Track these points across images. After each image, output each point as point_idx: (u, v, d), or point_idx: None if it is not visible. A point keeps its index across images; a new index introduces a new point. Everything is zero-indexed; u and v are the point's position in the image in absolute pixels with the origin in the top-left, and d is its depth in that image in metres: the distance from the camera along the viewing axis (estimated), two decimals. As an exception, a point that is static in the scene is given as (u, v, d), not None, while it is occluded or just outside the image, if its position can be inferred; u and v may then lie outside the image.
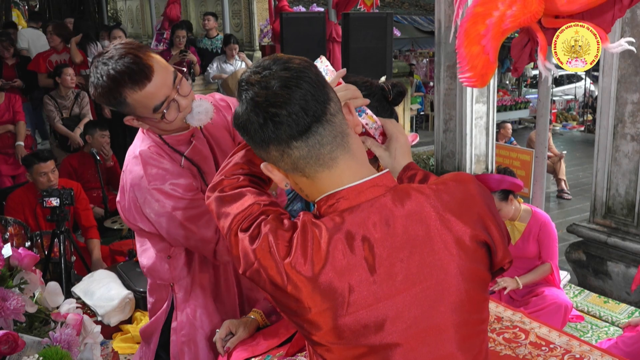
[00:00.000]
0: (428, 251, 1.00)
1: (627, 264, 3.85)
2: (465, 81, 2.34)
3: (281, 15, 5.31)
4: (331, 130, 0.99)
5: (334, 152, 1.00)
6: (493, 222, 1.06)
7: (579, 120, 12.79)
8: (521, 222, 3.33)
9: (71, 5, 10.48)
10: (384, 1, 14.46)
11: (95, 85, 1.54)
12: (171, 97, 1.57)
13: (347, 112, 1.06)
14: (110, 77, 1.50)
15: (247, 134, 1.01)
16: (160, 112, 1.57)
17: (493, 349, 2.13)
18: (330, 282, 0.96)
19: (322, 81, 1.01)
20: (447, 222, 1.01)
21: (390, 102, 1.37)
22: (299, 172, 1.02)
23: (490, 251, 1.06)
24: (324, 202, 1.03)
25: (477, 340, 1.06)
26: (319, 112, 0.98)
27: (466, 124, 5.31)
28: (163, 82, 1.54)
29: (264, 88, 0.97)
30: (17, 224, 3.46)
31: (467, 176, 1.11)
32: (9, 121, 4.94)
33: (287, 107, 0.96)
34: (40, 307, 1.53)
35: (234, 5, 9.73)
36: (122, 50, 1.51)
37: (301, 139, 0.98)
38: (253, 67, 1.02)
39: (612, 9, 2.12)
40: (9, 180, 5.00)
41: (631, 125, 3.78)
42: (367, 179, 1.02)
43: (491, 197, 1.11)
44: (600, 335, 3.35)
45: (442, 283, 1.00)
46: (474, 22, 2.24)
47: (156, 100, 1.55)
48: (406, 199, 1.02)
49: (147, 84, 1.52)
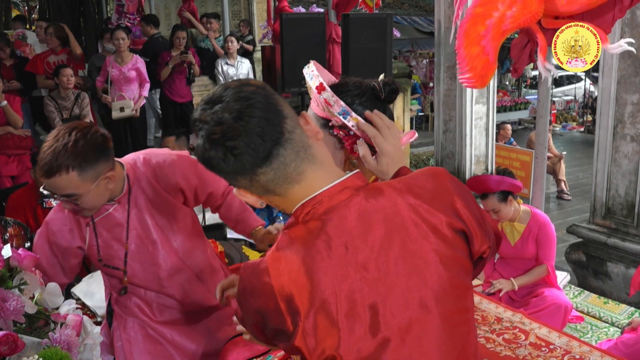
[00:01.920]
0: (407, 242, 1.02)
1: (627, 264, 3.85)
2: (465, 82, 2.34)
3: (281, 16, 5.32)
4: (292, 148, 1.01)
5: (300, 167, 1.02)
6: (467, 210, 1.07)
7: (579, 121, 12.80)
8: (520, 223, 3.33)
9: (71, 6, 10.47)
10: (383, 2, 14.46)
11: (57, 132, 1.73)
12: (56, 196, 1.74)
13: (305, 122, 1.07)
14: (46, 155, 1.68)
15: (212, 168, 1.03)
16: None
17: (493, 350, 2.13)
18: (317, 286, 0.97)
19: (273, 102, 1.02)
20: (421, 213, 1.04)
21: (383, 101, 1.37)
22: (270, 193, 1.04)
23: (467, 239, 1.07)
24: (301, 211, 1.05)
25: (463, 330, 1.06)
26: (276, 135, 0.99)
27: (466, 125, 5.31)
28: (54, 188, 1.71)
29: (218, 124, 0.98)
30: (16, 224, 3.45)
31: (439, 170, 1.13)
32: (8, 123, 4.93)
33: (244, 138, 0.97)
34: (40, 308, 1.53)
35: (234, 6, 9.75)
36: (61, 146, 1.67)
37: (265, 164, 0.99)
38: (204, 102, 1.02)
39: (612, 9, 2.12)
40: (8, 181, 5.00)
41: (631, 126, 3.78)
42: (337, 182, 1.04)
43: (466, 189, 1.12)
44: (600, 336, 3.35)
45: (423, 272, 1.02)
46: (473, 23, 2.24)
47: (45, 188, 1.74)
48: (379, 195, 1.04)
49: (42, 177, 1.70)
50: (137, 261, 1.98)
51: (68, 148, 1.65)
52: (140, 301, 2.06)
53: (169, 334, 2.07)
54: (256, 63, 8.32)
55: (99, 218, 1.92)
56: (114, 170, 1.81)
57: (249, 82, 1.03)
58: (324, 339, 0.97)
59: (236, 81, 1.04)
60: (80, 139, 1.68)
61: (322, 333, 0.97)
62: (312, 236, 1.00)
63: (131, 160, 1.96)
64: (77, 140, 1.67)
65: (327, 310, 0.97)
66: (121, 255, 1.97)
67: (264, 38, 8.75)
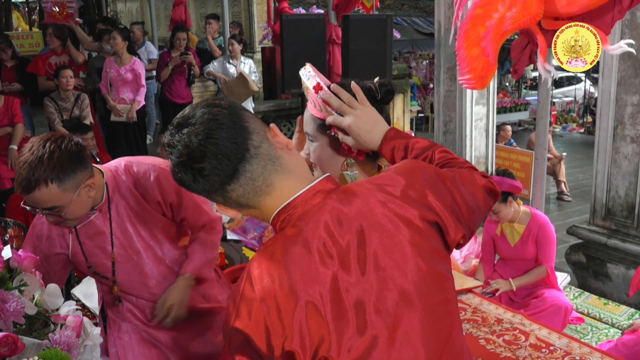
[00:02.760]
0: (383, 238, 1.04)
1: (627, 265, 3.85)
2: (465, 83, 2.34)
3: (281, 17, 5.32)
4: (259, 162, 1.04)
5: (268, 179, 1.05)
6: (439, 202, 1.10)
7: (579, 122, 12.80)
8: (520, 224, 3.33)
9: (71, 7, 10.49)
10: (383, 3, 14.48)
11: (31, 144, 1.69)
12: (38, 210, 1.71)
13: (273, 135, 1.09)
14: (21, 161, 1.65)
15: (187, 188, 1.07)
16: None
17: (493, 351, 2.14)
18: (302, 292, 0.98)
19: (239, 121, 1.04)
20: (394, 208, 1.06)
21: (379, 102, 1.38)
22: (245, 207, 1.08)
23: (442, 231, 1.10)
24: (277, 219, 1.07)
25: (446, 322, 1.07)
26: (240, 153, 1.02)
27: (466, 126, 5.31)
28: (34, 202, 1.68)
29: (185, 147, 1.02)
30: (16, 225, 3.46)
31: (411, 164, 1.15)
32: (8, 124, 4.93)
33: (210, 160, 1.01)
34: (40, 309, 1.53)
35: (234, 7, 9.74)
36: (37, 160, 1.63)
37: (232, 182, 1.03)
38: (173, 126, 1.05)
39: (612, 10, 2.12)
40: (9, 183, 4.99)
41: (631, 127, 3.78)
42: (308, 187, 1.07)
43: (438, 178, 1.14)
44: (600, 337, 3.35)
45: (403, 266, 1.03)
46: (473, 24, 2.24)
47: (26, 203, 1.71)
48: (351, 196, 1.07)
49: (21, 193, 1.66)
50: (123, 271, 1.96)
51: (44, 161, 1.61)
52: (133, 307, 2.05)
53: (163, 337, 2.06)
54: (256, 64, 8.33)
55: (81, 225, 1.89)
56: (94, 177, 1.78)
57: (215, 103, 1.06)
58: (316, 340, 0.97)
59: (204, 102, 1.07)
60: (55, 150, 1.64)
61: (313, 336, 0.97)
62: (290, 242, 1.02)
63: (113, 168, 1.93)
64: (52, 152, 1.63)
65: (314, 313, 0.97)
66: (108, 265, 1.94)
67: (263, 39, 8.75)
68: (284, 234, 1.05)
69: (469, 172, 1.22)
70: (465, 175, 1.19)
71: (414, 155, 1.26)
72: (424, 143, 1.28)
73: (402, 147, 1.26)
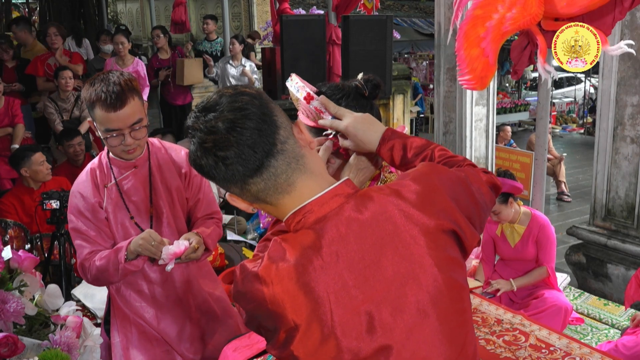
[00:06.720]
0: (399, 247, 1.02)
1: (627, 266, 3.85)
2: (464, 84, 2.34)
3: (281, 18, 5.32)
4: (284, 159, 1.01)
5: (290, 177, 1.02)
6: (456, 208, 1.07)
7: (579, 122, 12.80)
8: (521, 224, 3.33)
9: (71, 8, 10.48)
10: (383, 3, 14.48)
11: (87, 85, 1.88)
12: (123, 131, 1.88)
13: (298, 131, 1.07)
14: (95, 91, 1.84)
15: (204, 174, 1.04)
16: (108, 134, 1.88)
17: (493, 352, 2.14)
18: (310, 295, 0.97)
19: (268, 112, 1.02)
20: (411, 216, 1.03)
21: (367, 98, 1.38)
22: (261, 202, 1.05)
23: (459, 238, 1.08)
24: (292, 220, 1.05)
25: (461, 332, 1.06)
26: (268, 147, 0.99)
27: (466, 127, 5.31)
28: (124, 118, 1.86)
29: (210, 133, 0.98)
30: (17, 226, 3.46)
31: (427, 168, 1.13)
32: (9, 124, 4.93)
33: (235, 149, 0.98)
34: (40, 310, 1.53)
35: (234, 8, 9.75)
36: (118, 80, 1.85)
37: (255, 175, 1.00)
38: (198, 109, 1.03)
39: (612, 11, 2.13)
40: (9, 183, 4.99)
41: (631, 128, 3.78)
42: (327, 190, 1.04)
43: (455, 182, 1.11)
44: (600, 337, 3.35)
45: (418, 276, 1.01)
46: (473, 25, 2.24)
47: (110, 126, 1.87)
48: (369, 202, 1.05)
49: (112, 112, 1.83)
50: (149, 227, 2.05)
51: (122, 81, 1.84)
52: (144, 282, 2.07)
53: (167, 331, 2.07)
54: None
55: (120, 178, 2.01)
56: None
57: (245, 91, 1.03)
58: (320, 345, 0.97)
59: (232, 88, 1.04)
60: (119, 77, 1.86)
61: (317, 340, 0.97)
62: (304, 245, 1.00)
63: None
64: (120, 75, 1.87)
65: (320, 318, 0.97)
66: (146, 219, 2.04)
67: (264, 40, 8.75)
68: (298, 236, 1.03)
69: (473, 169, 1.21)
70: (471, 173, 1.19)
71: (413, 153, 1.25)
72: (420, 142, 1.27)
73: (400, 146, 1.25)
